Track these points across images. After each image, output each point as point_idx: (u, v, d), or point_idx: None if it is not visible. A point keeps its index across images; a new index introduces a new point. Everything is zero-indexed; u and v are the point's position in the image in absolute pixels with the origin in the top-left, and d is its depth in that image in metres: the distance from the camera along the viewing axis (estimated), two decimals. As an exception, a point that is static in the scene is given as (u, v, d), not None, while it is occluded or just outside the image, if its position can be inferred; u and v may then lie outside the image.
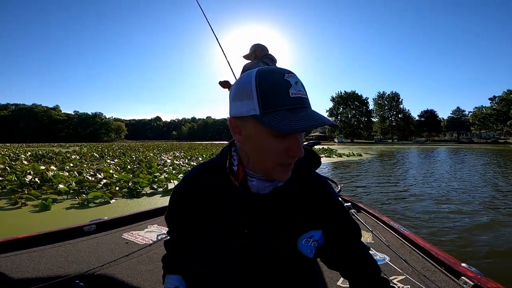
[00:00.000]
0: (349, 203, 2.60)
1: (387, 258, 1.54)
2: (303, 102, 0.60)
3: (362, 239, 1.76)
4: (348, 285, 0.77)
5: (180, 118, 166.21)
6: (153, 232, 1.96)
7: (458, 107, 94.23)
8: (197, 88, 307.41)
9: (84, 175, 6.80)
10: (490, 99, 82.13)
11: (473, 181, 8.22)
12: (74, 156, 13.86)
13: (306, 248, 0.71)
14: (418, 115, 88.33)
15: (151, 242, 1.76)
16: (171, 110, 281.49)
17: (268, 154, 0.61)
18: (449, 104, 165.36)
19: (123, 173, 7.02)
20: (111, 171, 7.22)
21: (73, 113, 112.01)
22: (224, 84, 2.47)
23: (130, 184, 5.82)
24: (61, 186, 5.45)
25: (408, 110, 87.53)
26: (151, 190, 5.82)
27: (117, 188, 5.62)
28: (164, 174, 7.97)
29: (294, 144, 0.60)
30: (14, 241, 1.57)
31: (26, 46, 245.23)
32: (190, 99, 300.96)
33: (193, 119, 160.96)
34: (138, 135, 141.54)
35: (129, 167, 8.73)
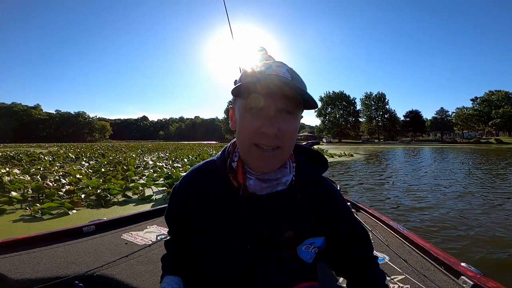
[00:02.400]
0: (349, 203, 2.54)
1: (387, 258, 1.53)
2: (280, 79, 0.58)
3: None
4: (343, 281, 0.87)
5: (168, 118, 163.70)
6: (153, 233, 1.94)
7: (442, 108, 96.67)
8: (186, 87, 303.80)
9: (49, 179, 5.98)
10: (472, 100, 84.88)
11: (468, 179, 8.29)
12: (47, 158, 12.83)
13: (305, 254, 0.70)
14: (404, 115, 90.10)
15: (150, 242, 1.74)
16: (158, 110, 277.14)
17: (244, 132, 0.61)
18: (433, 104, 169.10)
19: (94, 178, 6.22)
20: (78, 176, 6.41)
21: (54, 112, 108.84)
22: None
23: (98, 191, 5.06)
24: (14, 193, 4.65)
25: (394, 110, 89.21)
26: (124, 198, 5.08)
27: (82, 196, 4.87)
28: (143, 178, 7.24)
29: (264, 119, 0.59)
30: (13, 242, 1.56)
31: (4, 43, 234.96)
32: (178, 98, 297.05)
33: (181, 118, 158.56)
34: (123, 135, 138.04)
35: (103, 170, 7.90)
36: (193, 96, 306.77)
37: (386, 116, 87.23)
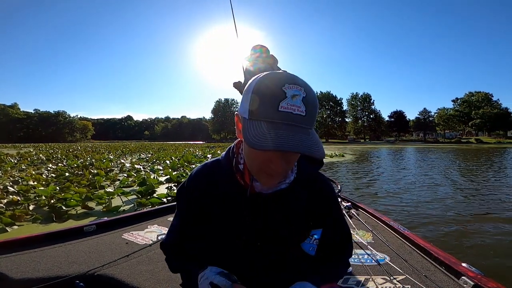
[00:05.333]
0: (349, 203, 2.56)
1: (387, 258, 1.54)
2: (293, 119, 0.54)
3: (363, 239, 1.82)
4: (344, 281, 0.97)
5: (153, 118, 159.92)
6: (153, 232, 1.92)
7: (424, 108, 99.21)
8: (172, 86, 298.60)
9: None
10: (453, 100, 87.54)
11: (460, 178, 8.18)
12: (12, 160, 11.64)
13: (308, 246, 0.73)
14: (388, 116, 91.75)
15: (151, 242, 1.75)
16: (144, 109, 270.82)
17: (251, 160, 0.63)
18: (417, 105, 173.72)
19: (52, 185, 5.33)
20: (32, 182, 5.47)
21: (33, 112, 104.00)
22: (237, 85, 2.55)
23: (53, 201, 4.23)
24: None
25: (379, 110, 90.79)
26: (84, 210, 4.24)
27: (31, 208, 4.05)
28: (116, 183, 6.39)
29: (274, 159, 0.58)
30: (15, 242, 1.57)
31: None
32: (164, 98, 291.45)
33: (167, 118, 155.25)
34: (107, 135, 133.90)
35: (67, 174, 6.97)
36: (180, 95, 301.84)
37: (371, 116, 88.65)
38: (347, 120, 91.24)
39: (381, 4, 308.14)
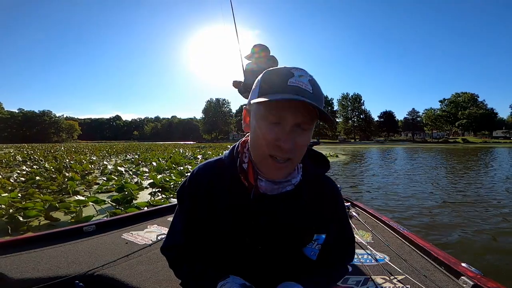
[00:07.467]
0: (349, 203, 2.55)
1: (387, 258, 1.54)
2: (302, 92, 0.57)
3: (362, 239, 1.85)
4: (344, 281, 0.96)
5: (143, 117, 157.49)
6: (153, 232, 1.94)
7: (413, 109, 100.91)
8: (162, 86, 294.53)
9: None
10: (440, 101, 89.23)
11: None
12: (-15, 162, 10.82)
13: (310, 251, 0.72)
14: (378, 116, 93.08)
15: (151, 242, 1.76)
16: (133, 109, 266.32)
17: (260, 142, 0.62)
18: (406, 105, 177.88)
19: (16, 191, 4.76)
20: (-6, 188, 4.88)
21: (17, 111, 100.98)
22: (236, 84, 2.60)
23: (11, 211, 3.69)
24: None
25: (369, 111, 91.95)
26: (48, 221, 3.68)
27: (-14, 218, 3.48)
28: (94, 188, 5.83)
29: (281, 133, 0.59)
30: (14, 242, 1.58)
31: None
32: (154, 97, 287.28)
33: (157, 118, 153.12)
34: (94, 135, 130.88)
35: (38, 178, 6.36)
36: (170, 95, 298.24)
37: (361, 116, 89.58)
38: (337, 120, 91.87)
39: (371, 5, 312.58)
